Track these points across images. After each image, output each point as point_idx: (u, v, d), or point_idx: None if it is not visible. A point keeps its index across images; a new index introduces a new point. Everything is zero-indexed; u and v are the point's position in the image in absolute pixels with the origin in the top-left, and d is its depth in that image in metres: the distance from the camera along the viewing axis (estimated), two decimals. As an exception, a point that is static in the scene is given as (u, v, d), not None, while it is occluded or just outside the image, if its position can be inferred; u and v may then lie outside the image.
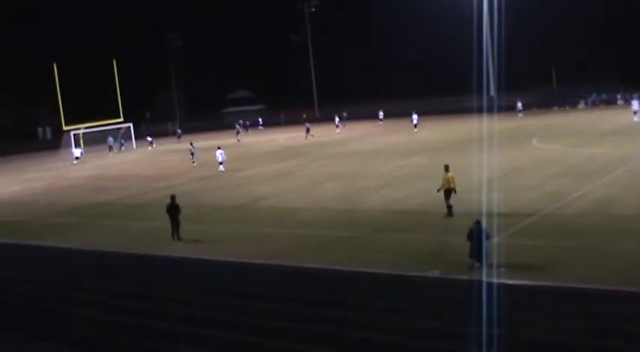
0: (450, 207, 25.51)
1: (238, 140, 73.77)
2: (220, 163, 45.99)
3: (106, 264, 24.14)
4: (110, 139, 76.66)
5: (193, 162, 51.80)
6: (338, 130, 72.63)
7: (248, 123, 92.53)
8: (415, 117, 66.11)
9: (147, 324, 17.12)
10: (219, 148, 47.22)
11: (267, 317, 16.70)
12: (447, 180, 25.62)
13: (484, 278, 17.54)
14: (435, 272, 18.89)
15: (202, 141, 72.45)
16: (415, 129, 64.64)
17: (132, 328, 17.02)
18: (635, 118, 55.26)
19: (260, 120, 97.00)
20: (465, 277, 18.13)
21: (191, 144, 55.25)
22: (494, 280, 17.31)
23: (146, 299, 19.33)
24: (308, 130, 69.26)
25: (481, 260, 18.39)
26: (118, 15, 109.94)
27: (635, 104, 57.20)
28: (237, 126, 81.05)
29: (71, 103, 75.15)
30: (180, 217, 26.12)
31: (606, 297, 16.10)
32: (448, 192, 25.55)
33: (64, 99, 73.32)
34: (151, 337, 16.33)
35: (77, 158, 66.44)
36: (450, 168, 26.09)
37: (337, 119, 74.77)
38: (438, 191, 25.99)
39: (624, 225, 22.42)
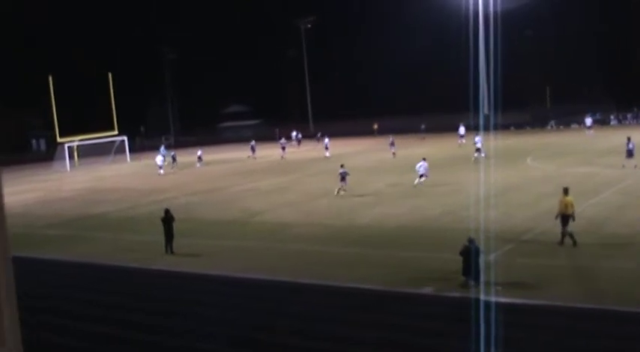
0: (565, 236, 22.50)
1: (282, 157, 65.13)
2: (421, 176, 38.61)
3: (98, 277, 24.07)
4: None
5: (344, 190, 37.96)
6: (284, 153, 65.72)
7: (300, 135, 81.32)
8: (462, 129, 64.91)
9: (137, 337, 17.07)
10: (423, 159, 39.48)
11: (262, 332, 16.69)
12: (566, 205, 22.80)
13: (475, 295, 17.57)
14: (428, 290, 18.90)
15: (208, 155, 72.55)
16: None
17: (122, 341, 16.95)
18: None
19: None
20: (457, 294, 18.16)
21: (342, 166, 39.18)
22: (484, 297, 17.33)
23: (137, 312, 19.27)
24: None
25: (474, 277, 18.45)
26: (113, 28, 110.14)
27: None
28: (288, 139, 72.10)
29: (66, 116, 75.05)
30: (175, 227, 26.04)
31: (600, 316, 16.15)
32: (566, 218, 22.66)
33: (58, 111, 73.28)
34: (140, 350, 16.29)
35: (160, 166, 57.90)
36: (565, 192, 23.41)
37: (284, 139, 69.49)
38: (556, 218, 22.95)
39: (616, 244, 22.53)
